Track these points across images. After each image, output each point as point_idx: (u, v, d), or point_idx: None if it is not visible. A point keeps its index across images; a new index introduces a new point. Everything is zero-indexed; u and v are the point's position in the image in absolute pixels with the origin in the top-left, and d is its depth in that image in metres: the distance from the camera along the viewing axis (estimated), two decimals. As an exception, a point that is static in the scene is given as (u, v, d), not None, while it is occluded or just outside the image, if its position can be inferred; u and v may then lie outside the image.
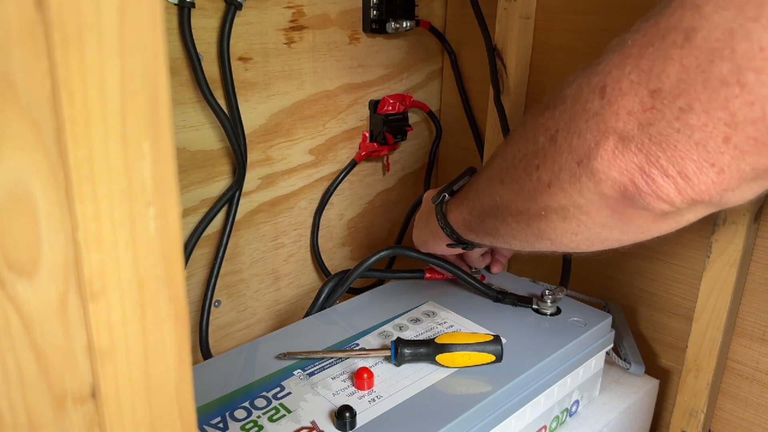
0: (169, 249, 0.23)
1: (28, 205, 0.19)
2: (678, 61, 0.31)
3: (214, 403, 0.53)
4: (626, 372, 0.73)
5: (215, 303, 0.76)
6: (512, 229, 0.46)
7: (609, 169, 0.34)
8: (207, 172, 0.71)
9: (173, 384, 0.25)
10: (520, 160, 0.42)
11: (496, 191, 0.46)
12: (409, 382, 0.55)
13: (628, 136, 0.33)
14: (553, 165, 0.38)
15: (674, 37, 0.31)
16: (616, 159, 0.34)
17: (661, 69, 0.31)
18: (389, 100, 0.86)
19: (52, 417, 0.22)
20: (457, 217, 0.56)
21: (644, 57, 0.32)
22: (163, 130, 0.21)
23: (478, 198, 0.50)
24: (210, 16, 0.66)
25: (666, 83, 0.31)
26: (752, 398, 0.72)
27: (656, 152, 0.32)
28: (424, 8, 0.89)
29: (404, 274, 0.73)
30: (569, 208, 0.38)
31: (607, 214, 0.37)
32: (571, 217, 0.39)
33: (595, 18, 0.77)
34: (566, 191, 0.37)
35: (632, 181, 0.33)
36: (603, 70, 0.35)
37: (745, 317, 0.71)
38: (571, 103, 0.37)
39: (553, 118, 0.38)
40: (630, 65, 0.33)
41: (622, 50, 0.34)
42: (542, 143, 0.39)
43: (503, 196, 0.45)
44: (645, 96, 0.32)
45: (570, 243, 0.42)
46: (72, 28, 0.18)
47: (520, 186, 0.42)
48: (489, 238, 0.52)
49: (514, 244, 0.48)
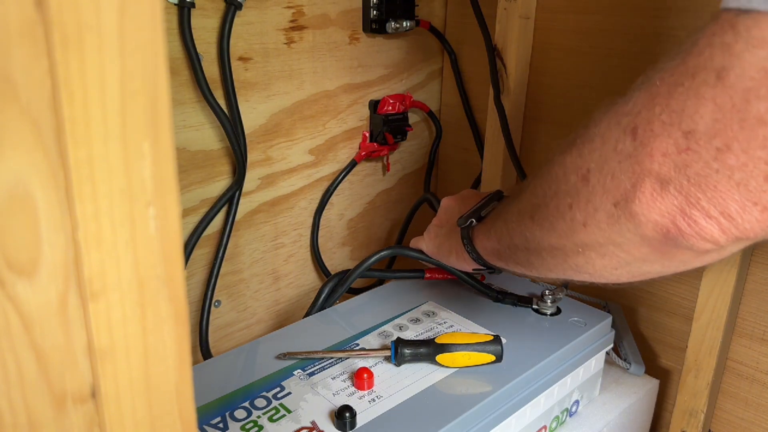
0: (169, 249, 0.23)
1: (28, 205, 0.19)
2: (711, 101, 0.30)
3: (214, 403, 0.53)
4: (626, 372, 0.73)
5: (215, 303, 0.76)
6: (547, 263, 0.45)
7: (649, 212, 0.34)
8: (207, 172, 0.71)
9: (173, 384, 0.25)
10: (552, 198, 0.41)
11: (527, 227, 0.45)
12: (409, 382, 0.55)
13: (665, 178, 0.32)
14: (588, 205, 0.37)
15: (705, 76, 0.30)
16: (655, 202, 0.33)
17: (694, 109, 0.31)
18: (389, 100, 0.86)
19: (52, 417, 0.22)
20: (485, 244, 0.56)
21: (674, 97, 0.32)
22: (163, 130, 0.21)
23: (508, 231, 0.50)
24: (210, 16, 0.66)
25: (700, 124, 0.31)
26: (752, 398, 0.72)
27: (696, 194, 0.32)
28: (424, 8, 0.89)
29: (404, 273, 0.73)
30: (608, 245, 0.38)
31: (648, 251, 0.37)
32: (611, 254, 0.39)
33: (595, 18, 0.77)
34: (604, 231, 0.37)
35: (674, 224, 0.33)
36: (632, 111, 0.34)
37: (745, 317, 0.71)
38: (601, 143, 0.36)
39: (582, 157, 0.38)
40: (660, 105, 0.32)
41: (649, 90, 0.33)
42: (574, 182, 0.39)
43: (535, 232, 0.44)
44: (679, 137, 0.32)
45: (610, 276, 0.42)
46: (72, 28, 0.18)
47: (553, 224, 0.42)
48: (520, 268, 0.51)
49: (550, 275, 0.48)
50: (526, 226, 0.45)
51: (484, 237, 0.56)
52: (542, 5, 0.81)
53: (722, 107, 0.30)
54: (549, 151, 0.85)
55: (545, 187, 0.42)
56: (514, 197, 0.50)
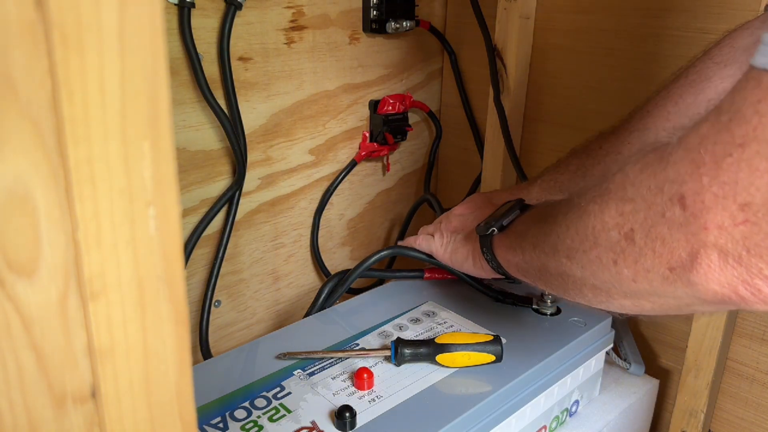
0: (169, 249, 0.23)
1: (28, 205, 0.19)
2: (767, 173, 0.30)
3: (214, 403, 0.53)
4: (626, 372, 0.73)
5: (215, 303, 0.76)
6: (588, 297, 0.45)
7: (708, 283, 0.33)
8: (207, 172, 0.71)
9: (173, 384, 0.25)
10: (591, 248, 0.41)
11: (564, 264, 0.45)
12: (409, 382, 0.55)
13: (723, 250, 0.32)
14: (637, 264, 0.37)
15: (757, 147, 0.30)
16: (714, 273, 0.33)
17: (749, 182, 0.30)
18: (389, 100, 0.86)
19: (52, 417, 0.22)
20: (508, 258, 0.55)
21: (723, 168, 0.31)
22: (163, 130, 0.21)
23: (538, 256, 0.49)
24: (210, 16, 0.66)
25: (756, 196, 0.30)
26: (752, 398, 0.72)
27: (758, 264, 0.31)
28: (424, 8, 0.89)
29: (404, 273, 0.73)
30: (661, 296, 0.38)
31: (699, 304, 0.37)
32: (661, 302, 0.39)
33: (595, 18, 0.77)
34: (656, 288, 0.37)
35: (735, 293, 0.33)
36: (675, 179, 0.33)
37: (745, 317, 0.71)
38: (644, 206, 0.36)
39: (623, 216, 0.37)
40: (708, 176, 0.32)
41: (691, 157, 0.33)
42: (617, 240, 0.38)
43: (574, 271, 0.44)
44: (735, 210, 0.31)
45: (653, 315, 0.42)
46: (72, 28, 0.18)
47: (595, 272, 0.41)
48: (551, 290, 0.51)
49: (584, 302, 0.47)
50: (562, 264, 0.45)
51: (509, 252, 0.55)
52: (542, 5, 0.81)
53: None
54: (549, 151, 0.85)
55: (582, 234, 0.42)
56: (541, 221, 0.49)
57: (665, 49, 0.71)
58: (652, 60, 0.73)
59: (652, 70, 0.73)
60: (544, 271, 0.49)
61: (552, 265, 0.47)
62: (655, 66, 0.73)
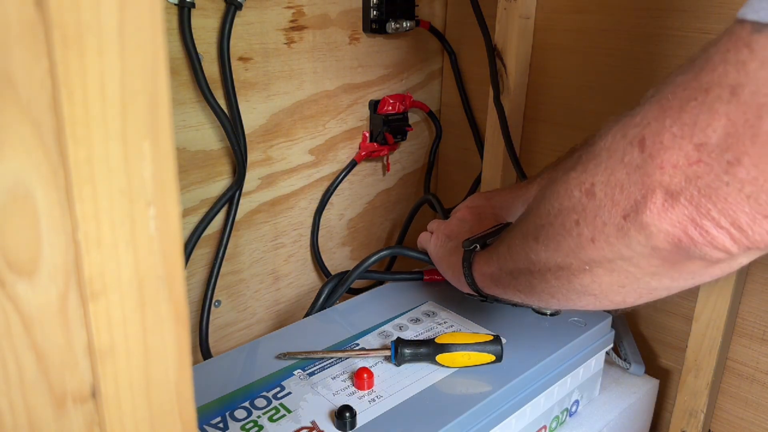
0: (169, 249, 0.23)
1: (28, 205, 0.19)
2: (724, 116, 0.31)
3: (214, 403, 0.53)
4: (626, 372, 0.73)
5: (215, 303, 0.76)
6: (551, 286, 0.45)
7: (660, 222, 0.34)
8: (207, 172, 0.71)
9: (173, 384, 0.25)
10: (556, 216, 0.41)
11: (532, 249, 0.45)
12: (409, 382, 0.55)
13: (676, 189, 0.33)
14: (595, 219, 0.38)
15: (719, 92, 0.31)
16: (666, 212, 0.33)
17: (707, 123, 0.31)
18: (389, 100, 0.86)
19: (52, 417, 0.22)
20: (484, 270, 0.55)
21: (686, 110, 0.32)
22: (163, 130, 0.21)
23: (511, 255, 0.50)
24: (210, 16, 0.66)
25: (712, 137, 0.31)
26: (752, 398, 0.72)
27: (706, 204, 0.32)
28: (424, 8, 0.89)
29: (403, 275, 0.73)
30: (616, 260, 0.38)
31: (658, 263, 0.37)
32: (618, 269, 0.39)
33: (595, 18, 0.77)
34: (613, 245, 0.37)
35: (685, 233, 0.33)
36: (640, 123, 0.35)
37: (745, 317, 0.71)
38: (607, 156, 0.36)
39: (586, 172, 0.38)
40: (671, 118, 0.33)
41: (660, 103, 0.34)
42: (578, 198, 0.39)
43: (540, 253, 0.44)
44: (690, 149, 0.32)
45: (616, 297, 0.42)
46: (72, 28, 0.18)
47: (558, 243, 0.41)
48: (520, 295, 0.51)
49: (551, 302, 0.48)
50: (531, 248, 0.45)
51: (485, 264, 0.55)
52: (542, 5, 0.81)
53: (735, 122, 0.30)
54: (549, 151, 0.85)
55: (548, 207, 0.42)
56: (517, 222, 0.50)
57: (665, 49, 0.71)
58: (652, 60, 0.73)
59: (652, 70, 0.73)
60: (516, 272, 0.49)
61: (522, 257, 0.47)
62: (655, 66, 0.73)
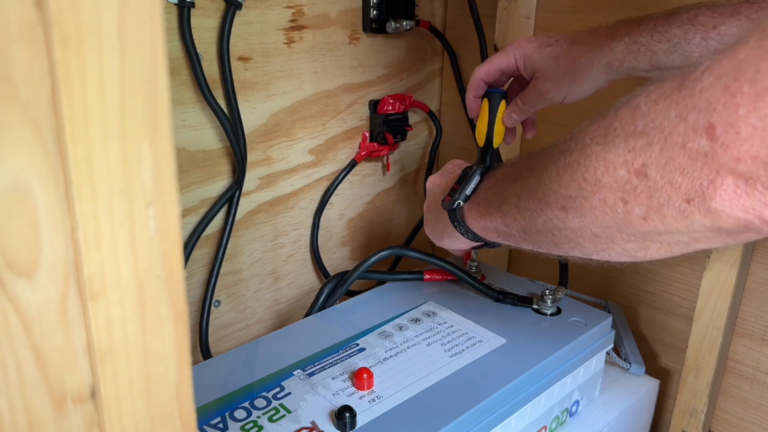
0: (168, 249, 0.23)
1: (28, 205, 0.19)
2: None
3: (214, 403, 0.53)
4: (626, 372, 0.73)
5: (215, 303, 0.76)
6: (583, 247, 0.44)
7: (731, 210, 0.32)
8: (207, 172, 0.71)
9: (173, 384, 0.25)
10: (592, 191, 0.39)
11: (557, 217, 0.43)
12: (409, 382, 0.55)
13: (752, 177, 0.31)
14: (650, 200, 0.36)
15: None
16: (739, 198, 0.32)
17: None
18: (389, 100, 0.86)
19: (52, 417, 0.22)
20: (485, 224, 0.54)
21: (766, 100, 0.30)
22: (163, 130, 0.21)
23: (522, 215, 0.48)
24: (210, 16, 0.66)
25: None
26: (752, 398, 0.72)
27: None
28: (424, 8, 0.89)
29: (403, 275, 0.73)
30: (671, 234, 0.37)
31: (716, 236, 0.36)
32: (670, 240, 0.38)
33: (595, 18, 0.77)
34: (669, 224, 0.36)
35: (759, 218, 0.32)
36: (703, 108, 0.32)
37: (745, 317, 0.71)
38: (661, 137, 0.34)
39: (633, 152, 0.36)
40: (744, 107, 0.30)
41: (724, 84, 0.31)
42: (624, 177, 0.37)
43: (569, 222, 0.42)
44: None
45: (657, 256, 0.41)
46: (72, 28, 0.18)
47: (597, 216, 0.40)
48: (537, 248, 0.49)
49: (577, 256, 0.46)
50: (556, 216, 0.43)
51: (483, 217, 0.53)
52: (542, 5, 0.81)
53: None
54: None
55: (579, 181, 0.40)
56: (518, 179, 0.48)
57: (665, 49, 0.71)
58: (652, 60, 0.73)
59: (652, 70, 0.73)
60: (530, 231, 0.47)
61: (540, 221, 0.45)
62: (655, 66, 0.73)
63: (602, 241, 0.42)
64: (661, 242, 0.38)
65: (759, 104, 0.30)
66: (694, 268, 0.73)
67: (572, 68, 0.61)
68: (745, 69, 0.30)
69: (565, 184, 0.41)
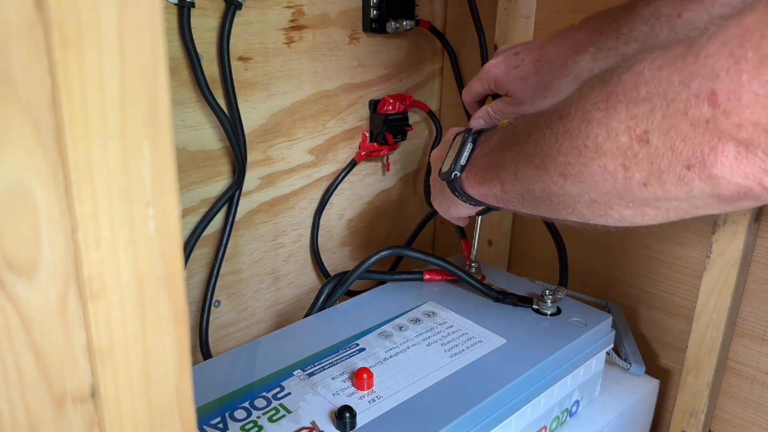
0: (168, 249, 0.23)
1: (28, 205, 0.19)
2: None
3: (214, 403, 0.53)
4: (626, 372, 0.73)
5: (215, 303, 0.76)
6: (580, 213, 0.44)
7: (732, 176, 0.32)
8: (207, 172, 0.71)
9: (173, 384, 0.25)
10: (592, 158, 0.39)
11: (555, 183, 0.43)
12: (409, 382, 0.55)
13: (753, 143, 0.31)
14: (651, 166, 0.36)
15: None
16: (740, 165, 0.32)
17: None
18: (389, 99, 0.86)
19: (52, 417, 0.22)
20: (484, 191, 0.53)
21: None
22: (163, 130, 0.21)
23: (520, 182, 0.47)
24: (210, 15, 0.66)
25: None
26: (752, 398, 0.72)
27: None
28: (424, 8, 0.89)
29: (403, 275, 0.73)
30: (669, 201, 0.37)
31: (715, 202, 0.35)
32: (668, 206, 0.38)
33: (595, 18, 0.77)
34: (669, 190, 0.36)
35: (759, 184, 0.32)
36: (706, 74, 0.32)
37: (745, 317, 0.71)
38: (663, 104, 0.34)
39: (635, 119, 0.36)
40: (747, 74, 0.30)
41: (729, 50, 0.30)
42: (626, 143, 0.37)
43: (568, 188, 0.42)
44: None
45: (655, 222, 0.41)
46: (72, 28, 0.18)
47: (596, 183, 0.40)
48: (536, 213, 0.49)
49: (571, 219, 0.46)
50: (554, 182, 0.43)
51: (482, 185, 0.53)
52: (542, 5, 0.81)
53: None
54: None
55: (579, 147, 0.40)
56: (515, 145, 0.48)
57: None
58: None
59: (652, 70, 0.73)
60: (528, 197, 0.47)
61: (538, 187, 0.45)
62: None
63: (600, 207, 0.41)
64: (659, 208, 0.38)
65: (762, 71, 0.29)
66: (694, 268, 0.73)
67: (540, 86, 0.62)
68: (751, 35, 0.30)
69: (564, 150, 0.41)
